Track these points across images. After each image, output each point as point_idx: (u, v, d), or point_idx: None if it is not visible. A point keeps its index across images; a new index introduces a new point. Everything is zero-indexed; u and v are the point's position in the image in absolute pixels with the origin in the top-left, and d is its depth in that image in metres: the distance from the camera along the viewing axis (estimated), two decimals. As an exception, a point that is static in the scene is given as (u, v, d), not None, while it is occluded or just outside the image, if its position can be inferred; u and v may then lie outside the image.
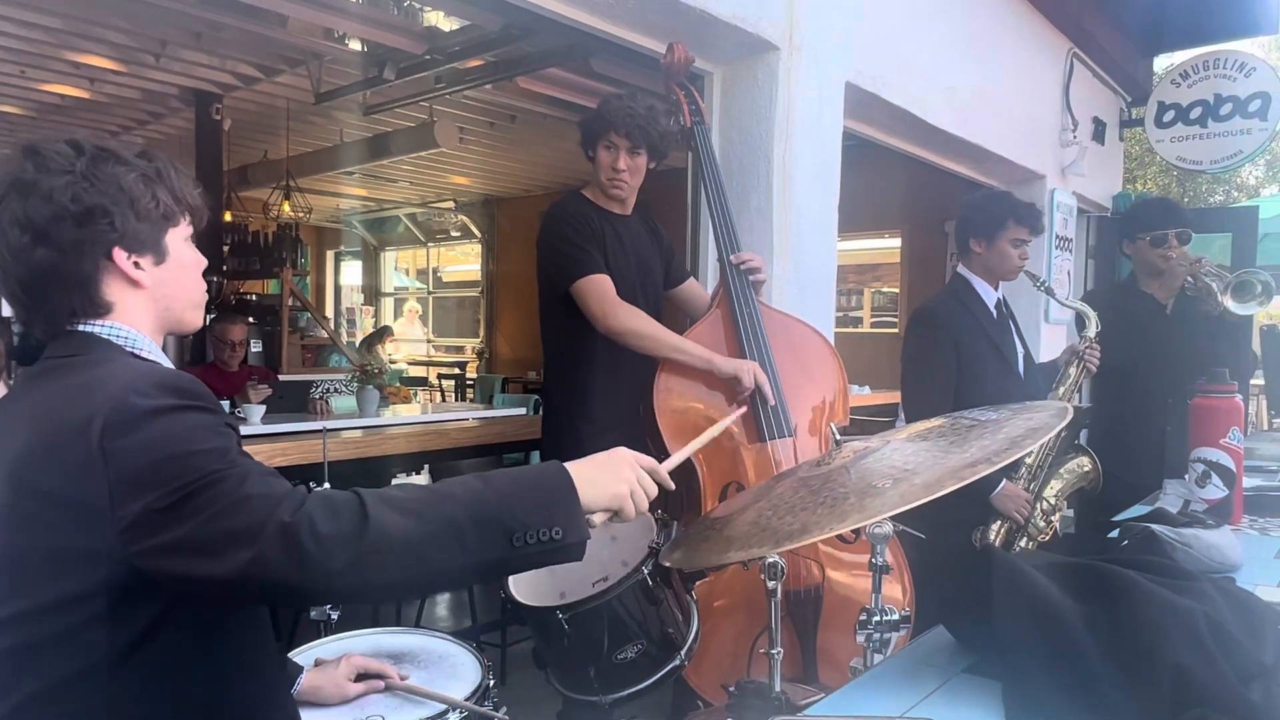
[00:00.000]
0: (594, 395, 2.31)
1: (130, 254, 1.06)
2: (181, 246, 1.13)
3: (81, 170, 1.02)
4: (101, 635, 0.95)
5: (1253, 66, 5.97)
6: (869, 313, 9.00)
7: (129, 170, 1.06)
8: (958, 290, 2.65)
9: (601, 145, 2.32)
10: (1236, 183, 14.05)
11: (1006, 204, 2.61)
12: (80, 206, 1.01)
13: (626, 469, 1.09)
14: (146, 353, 1.09)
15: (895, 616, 1.23)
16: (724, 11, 2.80)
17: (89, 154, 1.04)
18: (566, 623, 1.45)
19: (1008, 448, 1.00)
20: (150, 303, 1.10)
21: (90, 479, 0.91)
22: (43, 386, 1.03)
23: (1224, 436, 1.96)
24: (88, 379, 0.99)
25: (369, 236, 12.76)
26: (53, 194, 1.00)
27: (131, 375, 0.98)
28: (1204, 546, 1.52)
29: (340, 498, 0.94)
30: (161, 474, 0.91)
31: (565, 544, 0.99)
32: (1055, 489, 2.48)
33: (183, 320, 1.15)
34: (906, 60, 3.80)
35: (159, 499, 0.90)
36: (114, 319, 1.07)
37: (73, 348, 1.05)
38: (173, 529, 0.90)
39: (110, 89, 6.13)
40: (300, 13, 4.46)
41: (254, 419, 3.76)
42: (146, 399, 0.94)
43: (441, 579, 0.96)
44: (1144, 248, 2.98)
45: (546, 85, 5.24)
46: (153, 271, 1.09)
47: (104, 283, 1.05)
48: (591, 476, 1.05)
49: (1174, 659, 0.93)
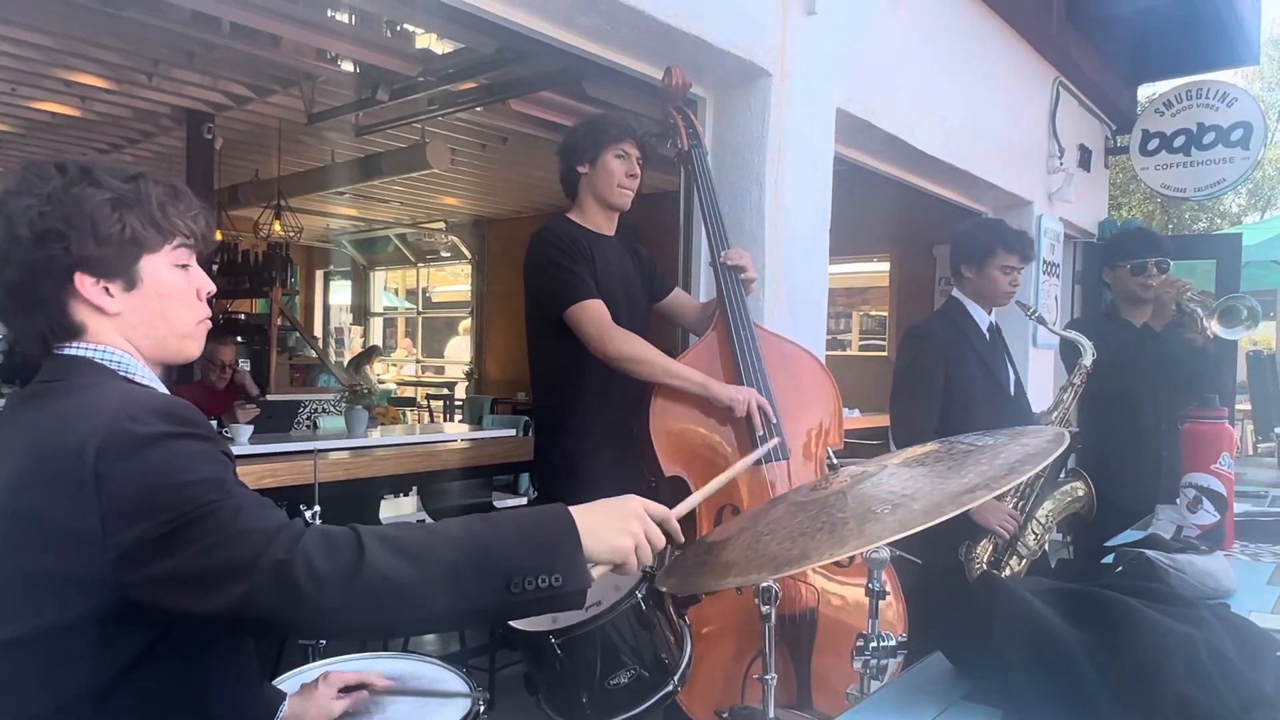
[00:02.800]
0: (584, 414, 2.30)
1: (97, 279, 1.03)
2: (162, 273, 1.08)
3: (49, 192, 1.00)
4: (88, 666, 0.93)
5: (1235, 96, 6.08)
6: (857, 336, 9.03)
7: (100, 193, 1.02)
8: (951, 312, 2.70)
9: (612, 154, 2.30)
10: (1219, 210, 14.24)
11: (996, 231, 2.66)
12: (33, 231, 0.99)
13: (634, 521, 1.06)
14: (139, 377, 1.06)
15: (892, 642, 1.22)
16: (718, 38, 2.83)
17: (69, 176, 1.02)
18: (559, 647, 1.43)
19: (1006, 473, 1.00)
20: (127, 328, 1.06)
21: (82, 506, 0.89)
22: (32, 411, 1.01)
23: (1215, 462, 1.96)
24: (81, 403, 0.97)
25: (359, 256, 12.75)
26: (15, 215, 0.99)
27: (126, 400, 0.97)
28: (1198, 572, 1.52)
29: (338, 535, 0.92)
30: (156, 503, 0.89)
31: (565, 591, 0.96)
32: (1047, 509, 2.50)
33: (172, 350, 1.11)
34: (897, 87, 3.84)
35: (152, 529, 0.88)
36: (95, 341, 1.04)
37: (61, 371, 1.03)
38: (165, 560, 0.88)
39: (102, 107, 6.12)
40: (293, 34, 4.47)
41: (242, 439, 3.72)
42: (142, 425, 0.93)
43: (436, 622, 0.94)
44: (1124, 276, 3.01)
45: (539, 108, 5.28)
46: (123, 298, 1.05)
47: (69, 306, 1.03)
48: (595, 526, 1.02)
49: (1175, 687, 0.92)
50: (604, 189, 2.33)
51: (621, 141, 2.30)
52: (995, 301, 2.65)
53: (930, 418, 2.52)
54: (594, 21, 2.65)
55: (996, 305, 2.67)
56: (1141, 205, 13.05)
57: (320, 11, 4.50)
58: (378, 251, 12.51)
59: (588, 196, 2.36)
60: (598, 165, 2.32)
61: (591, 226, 2.36)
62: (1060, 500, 2.52)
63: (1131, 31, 5.80)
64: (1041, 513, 2.48)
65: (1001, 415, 2.54)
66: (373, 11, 4.62)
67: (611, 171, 2.31)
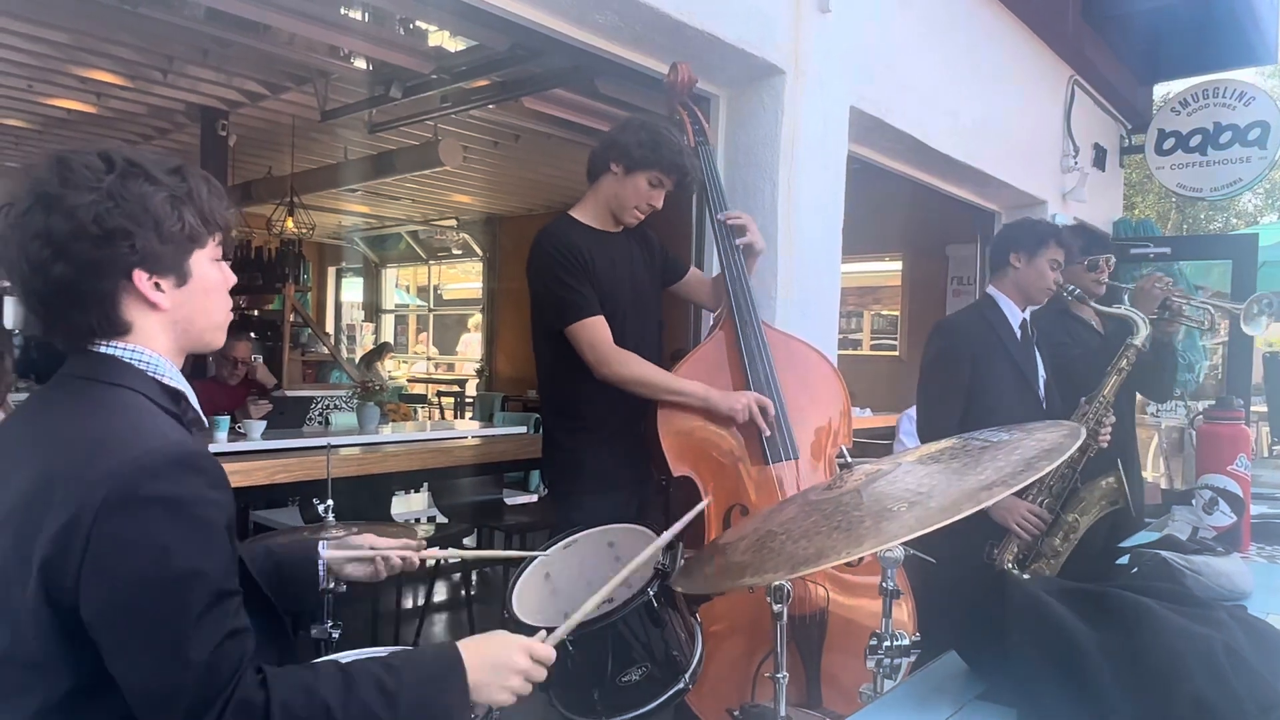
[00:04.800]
0: (591, 411, 2.30)
1: (151, 275, 1.03)
2: (206, 267, 1.10)
3: (108, 188, 0.99)
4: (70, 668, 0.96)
5: (1252, 95, 6.02)
6: (869, 335, 9.01)
7: (158, 190, 1.02)
8: (982, 307, 2.66)
9: (647, 177, 2.25)
10: (1235, 210, 14.13)
11: (1051, 226, 2.67)
12: (101, 228, 0.98)
13: (515, 678, 1.12)
14: (167, 378, 1.07)
15: (906, 641, 1.22)
16: (730, 36, 2.82)
17: (119, 170, 1.01)
18: (570, 643, 1.43)
19: (1023, 469, 0.99)
20: (170, 325, 1.07)
21: (68, 548, 0.91)
22: (58, 414, 1.02)
23: (1231, 463, 1.95)
24: (104, 426, 0.97)
25: (370, 253, 12.79)
26: (75, 211, 0.98)
27: (148, 442, 0.96)
28: (1214, 574, 1.51)
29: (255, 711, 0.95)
30: (123, 596, 0.91)
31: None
32: (1078, 507, 2.40)
33: (203, 341, 1.13)
34: (910, 86, 3.82)
35: (109, 618, 0.92)
36: (133, 340, 1.04)
37: (90, 368, 1.03)
38: (109, 648, 0.93)
39: (117, 104, 6.16)
40: (308, 31, 4.48)
41: (254, 434, 3.74)
42: (153, 481, 0.93)
43: None
44: (1079, 271, 3.01)
45: (551, 105, 5.28)
46: (173, 294, 1.06)
47: (122, 303, 1.03)
48: (480, 682, 1.09)
49: (1192, 689, 0.92)
50: (621, 199, 2.29)
51: (666, 172, 2.25)
52: (1035, 296, 2.61)
53: (953, 413, 2.47)
54: (607, 18, 2.65)
55: (1034, 301, 2.63)
56: (1155, 205, 12.96)
57: (334, 9, 4.51)
58: (389, 248, 12.54)
59: (603, 195, 2.32)
60: (630, 177, 2.26)
61: (595, 225, 2.33)
62: (1090, 496, 2.41)
63: (1147, 30, 5.76)
64: (1069, 514, 2.39)
65: (1030, 414, 2.46)
66: (386, 9, 4.63)
67: (639, 190, 2.26)
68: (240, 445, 3.77)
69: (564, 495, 2.37)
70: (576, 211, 2.36)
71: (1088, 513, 2.41)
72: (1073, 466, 2.41)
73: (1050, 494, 2.41)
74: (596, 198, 2.34)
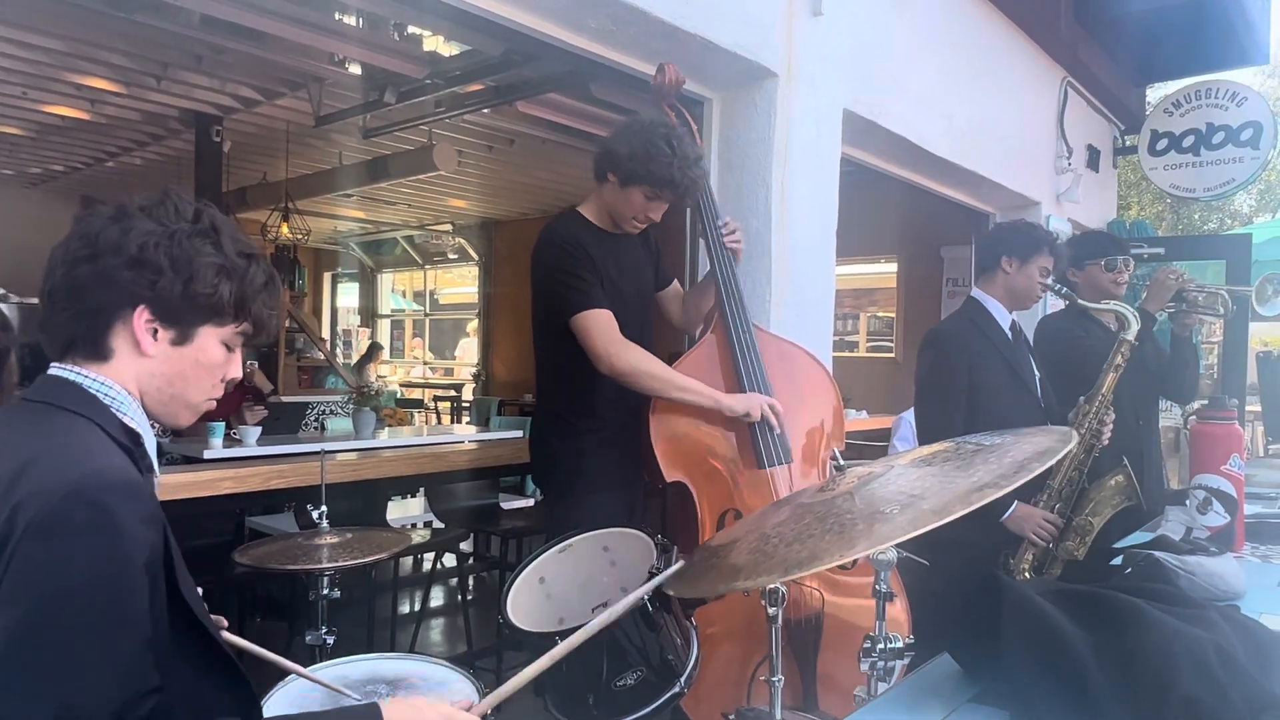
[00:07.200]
0: (590, 414, 2.28)
1: (154, 319, 1.03)
2: (213, 344, 1.08)
3: (173, 230, 1.02)
4: None
5: (1244, 96, 6.05)
6: (865, 337, 9.02)
7: (214, 256, 1.04)
8: (970, 312, 2.63)
9: (645, 191, 2.21)
10: (1229, 210, 14.18)
11: (1045, 234, 2.64)
12: (140, 253, 1.00)
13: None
14: (129, 418, 1.04)
15: (900, 644, 1.22)
16: (724, 39, 2.82)
17: (198, 225, 1.04)
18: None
19: (1016, 471, 1.00)
20: (148, 376, 1.05)
21: None
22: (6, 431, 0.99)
23: (1224, 463, 1.95)
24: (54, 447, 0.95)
25: (366, 258, 12.79)
26: (131, 231, 1.00)
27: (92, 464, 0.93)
28: (1207, 574, 1.52)
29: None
30: (32, 621, 0.86)
31: None
32: (1088, 509, 2.39)
33: (169, 411, 1.09)
34: (904, 88, 3.83)
35: (15, 629, 0.86)
36: (105, 372, 1.03)
37: (53, 394, 1.01)
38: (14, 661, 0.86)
39: (111, 110, 6.16)
40: (301, 36, 4.49)
41: (249, 440, 3.74)
42: (84, 507, 0.89)
43: None
44: (1097, 273, 3.02)
45: (546, 109, 5.29)
46: (166, 348, 1.05)
47: (113, 330, 1.02)
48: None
49: (1184, 690, 0.92)
50: (619, 210, 2.28)
51: (658, 188, 2.20)
52: (1023, 301, 2.60)
53: (954, 422, 2.44)
54: (600, 23, 2.65)
55: (1021, 306, 2.62)
56: (1150, 205, 13.00)
57: (328, 14, 4.52)
58: (385, 254, 12.55)
59: (605, 201, 2.31)
60: (625, 190, 2.23)
61: (602, 225, 2.33)
62: (1100, 496, 2.40)
63: (1140, 31, 5.77)
64: (1080, 517, 2.38)
65: (1031, 417, 2.47)
66: (380, 14, 4.63)
67: (634, 203, 2.23)
68: (235, 451, 3.77)
69: (558, 500, 2.36)
70: (584, 209, 2.35)
71: (1100, 512, 2.39)
72: (1079, 469, 2.42)
73: (1060, 499, 2.41)
74: (600, 201, 2.33)
